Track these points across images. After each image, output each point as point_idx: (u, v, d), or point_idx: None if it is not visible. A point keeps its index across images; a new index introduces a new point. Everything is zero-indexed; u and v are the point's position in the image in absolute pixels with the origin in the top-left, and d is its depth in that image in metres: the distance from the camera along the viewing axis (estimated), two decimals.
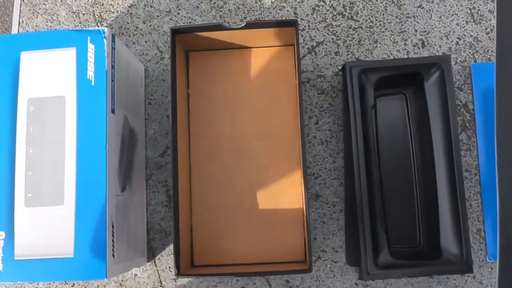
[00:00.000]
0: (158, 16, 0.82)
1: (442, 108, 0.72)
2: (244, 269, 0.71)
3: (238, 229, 0.73)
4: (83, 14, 0.83)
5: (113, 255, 0.60)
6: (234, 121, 0.75)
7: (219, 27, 0.68)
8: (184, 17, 0.82)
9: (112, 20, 0.83)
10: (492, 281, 0.76)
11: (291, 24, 0.68)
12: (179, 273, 0.64)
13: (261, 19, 0.81)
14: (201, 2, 0.82)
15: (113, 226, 0.60)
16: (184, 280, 0.76)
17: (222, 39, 0.72)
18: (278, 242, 0.72)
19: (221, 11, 0.82)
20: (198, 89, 0.76)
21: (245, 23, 0.68)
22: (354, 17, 0.81)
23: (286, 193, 0.73)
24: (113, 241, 0.60)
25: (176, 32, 0.69)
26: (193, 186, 0.74)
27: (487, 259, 0.76)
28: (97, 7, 0.83)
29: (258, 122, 0.74)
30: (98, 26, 0.82)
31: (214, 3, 0.82)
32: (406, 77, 0.75)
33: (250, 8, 0.82)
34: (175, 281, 0.76)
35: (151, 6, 0.83)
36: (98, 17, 0.83)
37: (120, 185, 0.64)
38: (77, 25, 0.83)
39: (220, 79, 0.76)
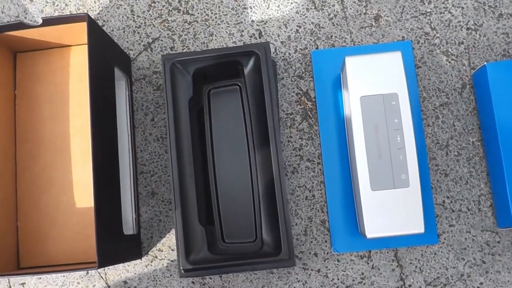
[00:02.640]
0: None
1: (259, 99, 0.69)
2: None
3: (59, 228, 0.71)
4: None
5: None
6: (55, 120, 0.73)
7: (18, 26, 0.67)
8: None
9: None
10: (338, 274, 0.72)
11: (82, 19, 0.66)
12: None
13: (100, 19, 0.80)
14: (45, 6, 0.81)
15: None
16: None
17: (37, 38, 0.71)
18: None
19: (63, 12, 0.81)
20: (24, 90, 0.75)
21: (42, 21, 0.67)
22: (190, 11, 0.79)
23: None
24: None
25: None
26: (18, 187, 0.72)
27: (332, 251, 0.72)
28: None
29: (76, 120, 0.73)
30: None
31: (57, 5, 0.81)
32: (229, 68, 0.72)
33: (90, 8, 0.81)
34: None
35: None
36: None
37: None
38: None
39: (43, 79, 0.74)
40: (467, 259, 0.73)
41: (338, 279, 0.72)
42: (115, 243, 0.67)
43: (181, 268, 0.66)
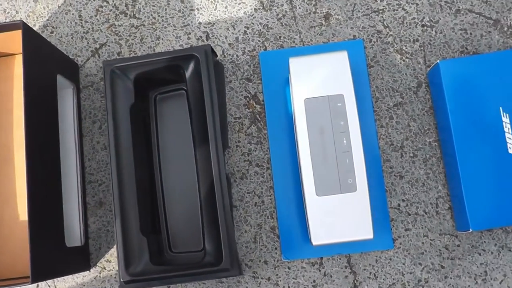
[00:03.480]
0: None
1: (202, 104, 0.67)
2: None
3: (3, 241, 0.70)
4: None
5: None
6: (1, 131, 0.72)
7: None
8: None
9: None
10: (289, 282, 0.70)
11: (17, 27, 0.64)
12: None
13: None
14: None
15: None
16: None
17: None
18: None
19: (14, 19, 0.80)
20: None
21: None
22: (137, 15, 0.77)
23: None
24: None
25: None
26: None
27: (282, 259, 0.70)
28: None
29: (20, 130, 0.71)
30: None
31: (8, 13, 0.80)
32: (172, 72, 0.70)
33: (39, 14, 0.79)
34: None
35: None
36: None
37: None
38: None
39: None
40: (425, 264, 0.70)
41: (289, 287, 0.70)
42: (55, 256, 0.65)
43: (121, 280, 0.64)
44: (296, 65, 0.67)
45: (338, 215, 0.64)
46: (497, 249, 0.70)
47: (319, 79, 0.66)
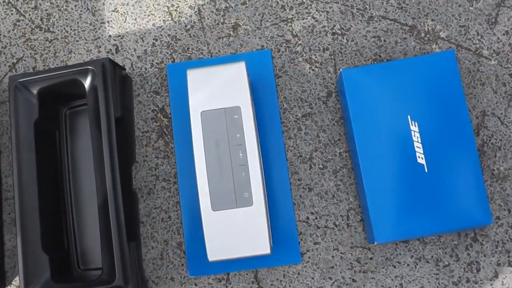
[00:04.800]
0: None
1: (96, 119, 0.66)
2: None
3: None
4: None
5: None
6: None
7: None
8: None
9: None
10: None
11: None
12: None
13: None
14: None
15: None
16: None
17: None
18: None
19: None
20: None
21: None
22: (51, 29, 0.77)
23: None
24: None
25: None
26: None
27: (188, 275, 0.69)
28: None
29: None
30: None
31: None
32: (75, 87, 0.69)
33: None
34: None
35: None
36: None
37: None
38: None
39: None
40: (335, 278, 0.68)
41: None
42: None
43: None
44: (194, 77, 0.66)
45: (234, 230, 0.63)
46: (413, 261, 0.68)
47: (216, 91, 0.65)
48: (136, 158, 0.72)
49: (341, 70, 0.66)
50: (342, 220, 0.69)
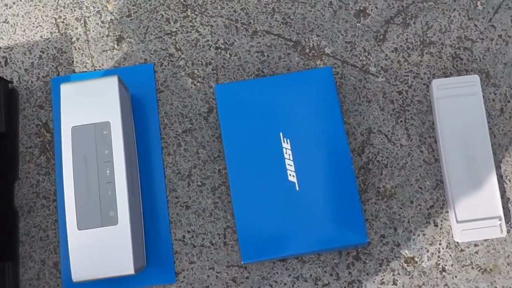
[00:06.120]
0: None
1: None
2: None
3: None
4: None
5: None
6: None
7: None
8: None
9: None
10: None
11: None
12: None
13: None
14: None
15: None
16: None
17: None
18: None
19: None
20: None
21: None
22: None
23: None
24: None
25: None
26: None
27: None
28: None
29: None
30: None
31: None
32: None
33: None
34: None
35: None
36: None
37: None
38: None
39: None
40: None
41: None
42: None
43: None
44: (67, 91, 0.65)
45: (99, 250, 0.62)
46: (291, 280, 0.67)
47: (88, 106, 0.64)
48: (19, 174, 0.71)
49: (213, 85, 0.65)
50: (219, 238, 0.68)
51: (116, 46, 0.72)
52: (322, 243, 0.63)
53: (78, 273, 0.62)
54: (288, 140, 0.64)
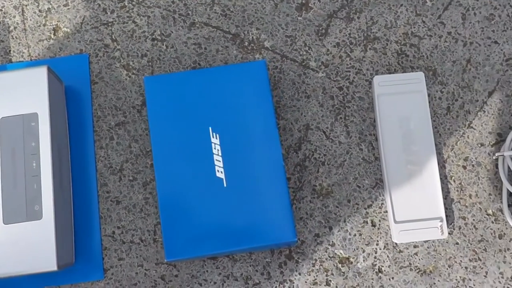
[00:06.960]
0: None
1: None
2: None
3: None
4: None
5: None
6: None
7: None
8: None
9: None
10: None
11: None
12: None
13: None
14: None
15: None
16: None
17: None
18: None
19: None
20: None
21: None
22: None
23: None
24: None
25: None
26: None
27: None
28: None
29: None
30: None
31: None
32: None
33: None
34: None
35: None
36: None
37: None
38: None
39: None
40: None
41: None
42: None
43: None
44: None
45: (23, 245, 0.61)
46: (221, 279, 0.65)
47: (16, 97, 0.62)
48: None
49: (143, 77, 0.63)
50: (149, 235, 0.66)
51: (52, 36, 0.71)
52: (249, 241, 0.61)
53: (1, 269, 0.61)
54: (218, 135, 0.62)
